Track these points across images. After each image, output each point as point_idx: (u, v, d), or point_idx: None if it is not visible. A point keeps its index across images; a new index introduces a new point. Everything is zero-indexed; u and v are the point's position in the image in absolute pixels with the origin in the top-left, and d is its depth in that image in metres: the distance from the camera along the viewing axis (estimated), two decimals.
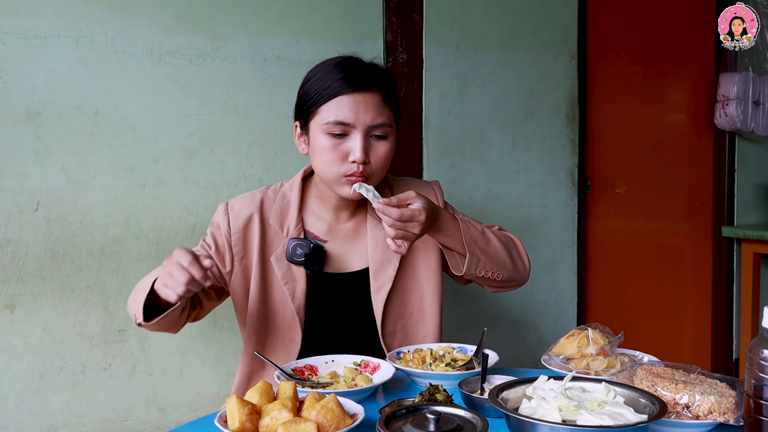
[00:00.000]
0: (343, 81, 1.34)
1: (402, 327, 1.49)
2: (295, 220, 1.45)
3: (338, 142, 1.35)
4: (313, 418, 0.95)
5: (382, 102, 1.37)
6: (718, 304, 3.17)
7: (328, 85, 1.35)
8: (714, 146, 3.17)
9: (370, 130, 1.36)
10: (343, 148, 1.35)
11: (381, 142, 1.37)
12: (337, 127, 1.34)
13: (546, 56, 2.58)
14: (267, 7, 2.06)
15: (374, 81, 1.37)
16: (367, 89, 1.35)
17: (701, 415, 0.98)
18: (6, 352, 1.80)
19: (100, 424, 1.91)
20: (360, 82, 1.35)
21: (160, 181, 1.94)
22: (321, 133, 1.36)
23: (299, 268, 1.43)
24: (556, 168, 2.61)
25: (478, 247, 1.37)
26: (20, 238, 1.80)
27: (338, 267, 1.47)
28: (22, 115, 1.79)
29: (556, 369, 1.24)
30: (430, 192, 1.55)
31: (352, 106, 1.34)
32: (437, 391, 1.07)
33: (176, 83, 1.95)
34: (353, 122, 1.34)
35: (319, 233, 1.48)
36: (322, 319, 1.45)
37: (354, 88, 1.34)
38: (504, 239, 1.45)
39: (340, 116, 1.33)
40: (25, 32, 1.79)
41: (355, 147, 1.34)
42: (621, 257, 2.95)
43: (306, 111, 1.39)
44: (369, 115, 1.34)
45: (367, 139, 1.35)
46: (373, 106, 1.35)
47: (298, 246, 1.42)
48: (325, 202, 1.47)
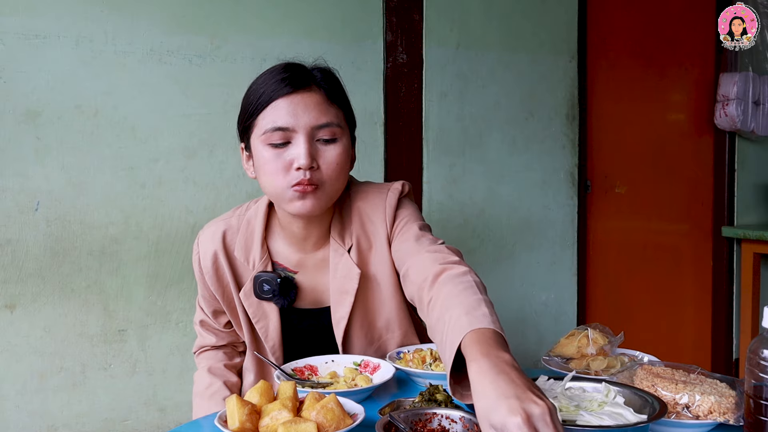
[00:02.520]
0: (277, 83, 1.21)
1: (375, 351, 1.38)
2: (259, 252, 1.32)
3: (280, 152, 1.20)
4: (313, 418, 0.95)
5: (325, 100, 1.23)
6: (718, 304, 3.17)
7: (261, 92, 1.22)
8: (714, 146, 3.17)
9: (314, 132, 1.20)
10: (286, 157, 1.20)
11: (330, 145, 1.22)
12: (276, 134, 1.19)
13: (546, 56, 2.58)
14: (267, 7, 2.06)
15: (312, 79, 1.24)
16: (305, 88, 1.21)
17: (701, 415, 0.98)
18: (6, 352, 1.80)
19: (100, 424, 1.91)
20: (295, 81, 1.21)
21: (160, 181, 1.94)
22: (261, 146, 1.22)
23: (270, 303, 1.33)
24: (556, 168, 2.61)
25: None
26: (20, 238, 1.80)
27: (311, 301, 1.36)
28: (22, 115, 1.79)
29: (556, 369, 1.24)
30: (380, 207, 1.32)
31: (289, 108, 1.20)
32: (437, 391, 1.06)
33: (176, 83, 1.95)
34: (293, 126, 1.19)
35: (288, 264, 1.35)
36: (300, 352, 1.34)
37: (290, 89, 1.20)
38: (481, 288, 1.08)
39: (278, 121, 1.19)
40: (25, 32, 1.79)
41: (298, 153, 1.19)
42: (621, 257, 2.95)
43: (245, 126, 1.26)
44: (310, 116, 1.20)
45: (311, 143, 1.20)
46: (314, 105, 1.21)
47: (264, 282, 1.30)
48: (287, 231, 1.33)
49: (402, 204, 1.35)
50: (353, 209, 1.33)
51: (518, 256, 2.57)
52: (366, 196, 1.34)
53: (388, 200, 1.33)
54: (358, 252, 1.32)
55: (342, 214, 1.33)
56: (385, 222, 1.32)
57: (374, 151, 2.25)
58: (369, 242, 1.33)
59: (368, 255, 1.33)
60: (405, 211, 1.33)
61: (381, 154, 2.27)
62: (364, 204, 1.33)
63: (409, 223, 1.31)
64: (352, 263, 1.31)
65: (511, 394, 0.77)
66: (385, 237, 1.32)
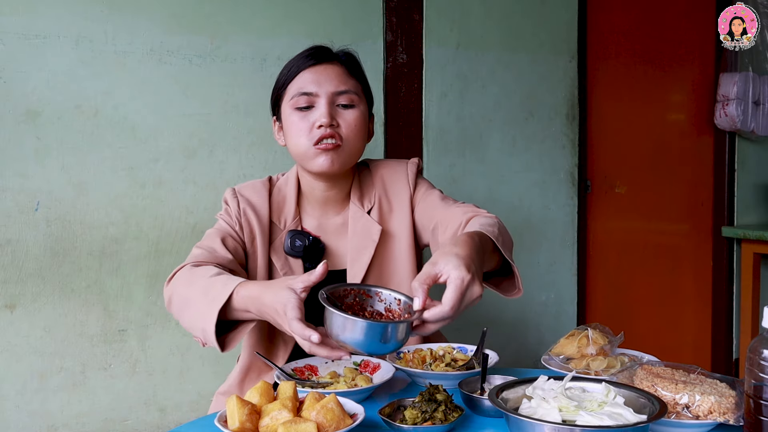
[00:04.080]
0: (304, 58, 1.40)
1: None
2: (292, 212, 1.45)
3: (305, 114, 1.37)
4: (313, 418, 0.95)
5: (345, 72, 1.41)
6: (718, 304, 3.17)
7: (291, 66, 1.42)
8: (714, 146, 3.17)
9: (334, 97, 1.38)
10: (310, 118, 1.37)
11: (349, 110, 1.39)
12: (302, 98, 1.37)
13: (546, 56, 2.58)
14: (267, 7, 2.06)
15: (334, 56, 1.43)
16: (328, 62, 1.41)
17: (701, 415, 0.98)
18: (6, 352, 1.80)
19: (100, 424, 1.91)
20: (320, 56, 1.40)
21: (160, 181, 1.94)
22: (289, 110, 1.39)
23: (297, 261, 1.42)
24: (556, 168, 2.61)
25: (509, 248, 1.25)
26: (20, 238, 1.80)
27: (331, 264, 1.45)
28: (22, 115, 1.79)
29: (556, 369, 1.24)
30: (402, 174, 1.50)
31: (313, 77, 1.38)
32: (437, 391, 1.06)
33: (176, 83, 1.95)
34: (316, 91, 1.37)
35: (311, 230, 1.47)
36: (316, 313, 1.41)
37: (314, 61, 1.39)
38: (504, 230, 1.32)
39: (304, 87, 1.37)
40: (25, 32, 1.79)
41: (320, 113, 1.36)
42: (621, 257, 2.95)
43: (276, 97, 1.45)
44: (331, 83, 1.38)
45: (332, 106, 1.38)
46: (336, 75, 1.39)
47: (296, 238, 1.41)
48: (312, 196, 1.46)
49: (420, 176, 1.53)
50: (375, 176, 1.49)
51: (518, 256, 2.55)
52: (387, 165, 1.53)
53: (409, 168, 1.51)
54: (380, 212, 1.46)
55: (362, 180, 1.49)
56: (408, 185, 1.48)
57: (374, 151, 2.25)
58: (390, 204, 1.48)
59: (389, 216, 1.47)
60: (425, 182, 1.52)
61: (381, 154, 2.27)
62: (386, 170, 1.50)
63: (430, 189, 1.49)
64: (372, 222, 1.45)
65: (472, 270, 1.03)
66: (407, 199, 1.47)
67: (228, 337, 1.25)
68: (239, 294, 1.17)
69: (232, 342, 1.25)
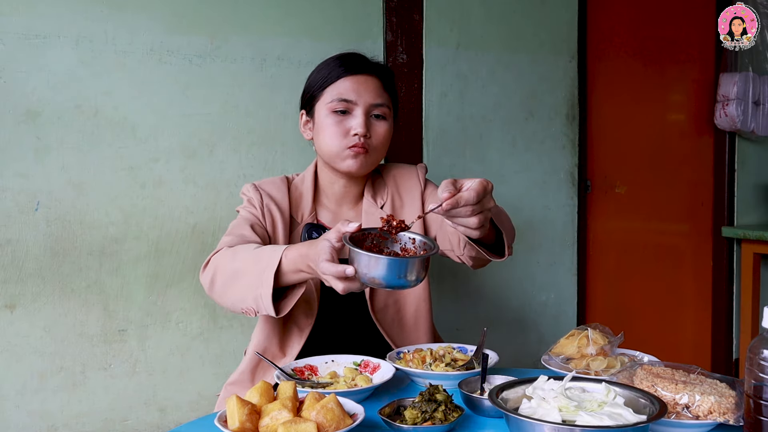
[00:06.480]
0: (345, 67, 1.49)
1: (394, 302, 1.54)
2: (309, 207, 1.54)
3: (341, 119, 1.47)
4: (313, 418, 0.95)
5: (381, 86, 1.51)
6: (718, 304, 3.17)
7: (330, 71, 1.50)
8: (714, 146, 3.17)
9: (371, 108, 1.48)
10: (346, 125, 1.46)
11: (380, 122, 1.50)
12: (341, 104, 1.46)
13: (546, 56, 2.58)
14: (267, 7, 2.06)
15: (373, 68, 1.52)
16: (367, 73, 1.50)
17: (701, 416, 0.98)
18: (6, 352, 1.80)
19: (100, 424, 1.91)
20: (360, 67, 1.50)
21: (160, 181, 1.94)
22: (325, 112, 1.48)
23: None
24: (556, 168, 2.61)
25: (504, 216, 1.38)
26: (20, 238, 1.80)
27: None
28: (22, 115, 1.79)
29: (556, 369, 1.24)
30: (413, 175, 1.61)
31: (353, 86, 1.47)
32: (437, 391, 1.07)
33: (176, 83, 1.95)
34: (355, 99, 1.47)
35: (327, 222, 1.55)
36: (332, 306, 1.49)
37: (356, 71, 1.49)
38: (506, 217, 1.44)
39: (344, 94, 1.47)
40: (25, 32, 1.79)
41: (357, 123, 1.45)
42: (621, 257, 2.95)
43: (311, 96, 1.52)
44: (369, 95, 1.48)
45: (368, 117, 1.47)
46: (373, 88, 1.49)
47: (313, 230, 1.50)
48: (330, 191, 1.56)
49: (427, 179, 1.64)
50: (387, 176, 1.61)
51: (518, 256, 2.56)
52: (398, 167, 1.65)
53: (419, 170, 1.63)
54: (392, 207, 1.57)
55: (374, 180, 1.59)
56: (419, 183, 1.60)
57: None
58: (402, 201, 1.58)
59: (400, 211, 1.57)
60: (432, 183, 1.62)
61: None
62: (398, 171, 1.62)
63: None
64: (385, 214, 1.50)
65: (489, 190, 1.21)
66: (419, 195, 1.58)
67: (281, 304, 1.29)
68: (287, 257, 1.24)
69: (285, 307, 1.29)
